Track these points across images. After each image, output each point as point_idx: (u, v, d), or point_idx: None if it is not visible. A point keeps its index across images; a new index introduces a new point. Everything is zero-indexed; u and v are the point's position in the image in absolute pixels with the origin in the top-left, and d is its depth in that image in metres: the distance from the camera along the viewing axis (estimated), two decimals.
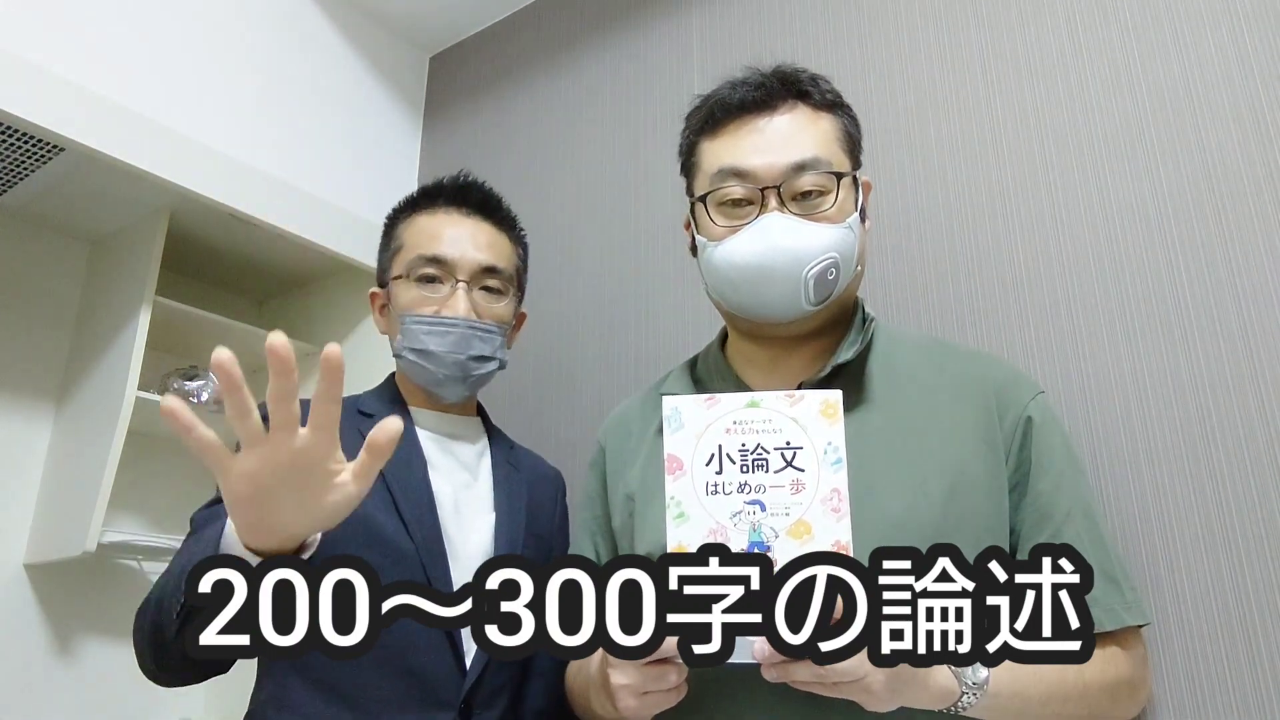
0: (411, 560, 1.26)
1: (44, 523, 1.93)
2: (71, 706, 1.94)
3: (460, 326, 1.37)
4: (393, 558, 1.25)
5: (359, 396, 1.44)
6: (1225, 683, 1.14)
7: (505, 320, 1.44)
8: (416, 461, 1.35)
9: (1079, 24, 1.47)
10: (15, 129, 1.67)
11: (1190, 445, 1.23)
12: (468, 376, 1.39)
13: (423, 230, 1.42)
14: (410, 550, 1.26)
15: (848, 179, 1.13)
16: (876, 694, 0.83)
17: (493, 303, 1.42)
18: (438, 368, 1.37)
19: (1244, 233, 1.26)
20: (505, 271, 1.44)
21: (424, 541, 1.27)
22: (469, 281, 1.39)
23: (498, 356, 1.42)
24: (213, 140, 1.95)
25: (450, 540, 1.30)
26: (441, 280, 1.39)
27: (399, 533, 1.27)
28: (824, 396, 0.92)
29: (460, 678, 1.24)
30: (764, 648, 0.83)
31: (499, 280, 1.43)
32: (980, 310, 1.45)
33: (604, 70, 2.13)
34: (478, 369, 1.40)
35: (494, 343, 1.41)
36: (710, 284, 1.18)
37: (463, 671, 1.24)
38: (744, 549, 0.88)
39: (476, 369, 1.39)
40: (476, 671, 1.24)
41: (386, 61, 2.45)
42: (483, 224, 1.45)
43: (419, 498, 1.31)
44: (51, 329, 2.07)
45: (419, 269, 1.39)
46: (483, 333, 1.39)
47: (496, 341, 1.42)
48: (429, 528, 1.29)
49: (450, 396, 1.41)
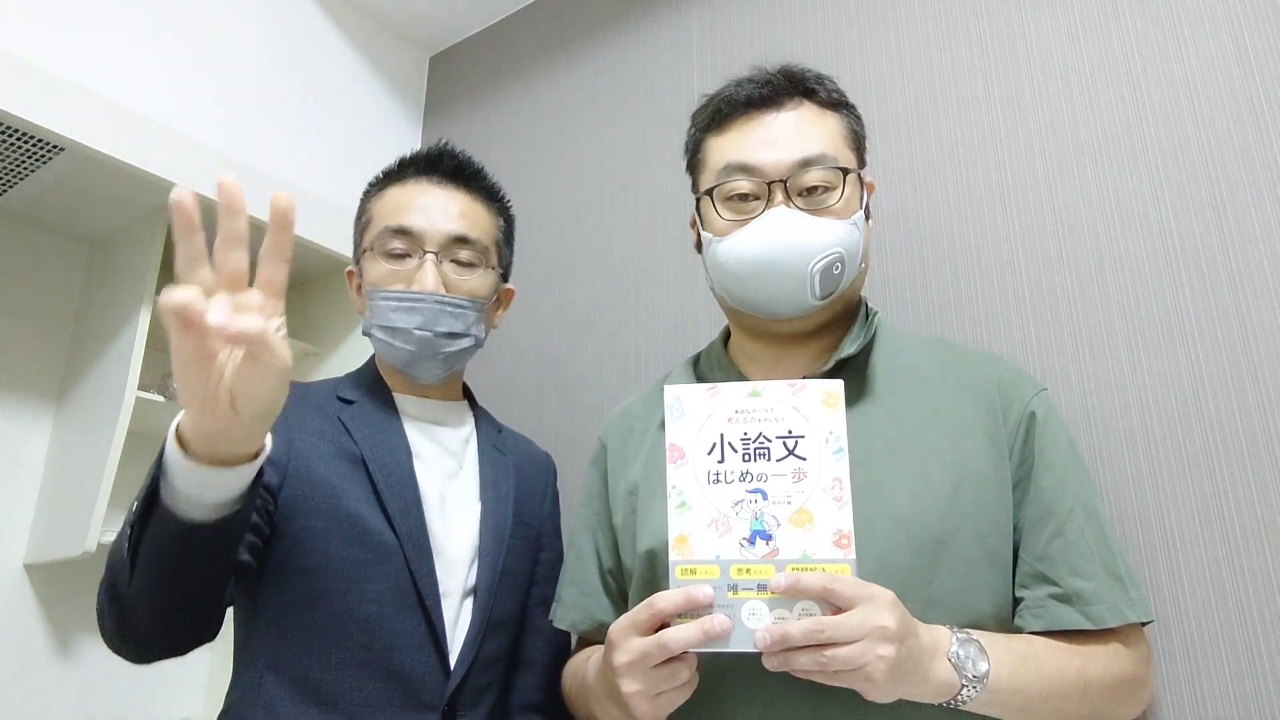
0: (395, 555, 1.22)
1: (44, 523, 1.92)
2: (71, 706, 1.94)
3: (428, 301, 1.30)
4: (377, 553, 1.21)
5: (338, 380, 1.40)
6: (1225, 682, 1.14)
7: (480, 295, 1.36)
8: (401, 451, 1.30)
9: (1079, 24, 1.48)
10: (15, 129, 1.67)
11: (1190, 445, 1.23)
12: (438, 354, 1.32)
13: (390, 202, 1.37)
14: (394, 544, 1.22)
15: (853, 176, 1.14)
16: (878, 683, 0.83)
17: (465, 275, 1.35)
18: (405, 344, 1.31)
19: (1244, 233, 1.26)
20: (479, 243, 1.36)
21: (408, 535, 1.23)
22: (438, 253, 1.33)
23: (472, 333, 1.35)
24: (212, 140, 1.95)
25: (434, 535, 1.26)
26: (409, 253, 1.33)
27: (382, 526, 1.22)
28: (825, 385, 0.93)
29: (444, 678, 1.21)
30: (765, 636, 0.84)
31: (472, 252, 1.35)
32: (980, 310, 1.45)
33: (604, 70, 2.14)
34: (448, 345, 1.33)
35: (466, 319, 1.34)
36: (715, 279, 1.18)
37: (446, 672, 1.21)
38: (745, 537, 0.89)
39: (447, 345, 1.33)
40: (461, 672, 1.21)
41: (386, 61, 2.45)
42: (456, 193, 1.38)
43: (404, 491, 1.26)
44: (51, 329, 2.06)
45: (385, 242, 1.33)
46: (452, 307, 1.32)
47: (470, 317, 1.34)
48: (414, 521, 1.24)
49: (424, 376, 1.36)
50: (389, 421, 1.33)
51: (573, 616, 1.23)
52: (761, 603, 0.86)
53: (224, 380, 0.80)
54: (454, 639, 1.24)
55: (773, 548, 0.88)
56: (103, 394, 1.90)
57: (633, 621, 0.90)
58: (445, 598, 1.24)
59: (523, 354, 2.04)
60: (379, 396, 1.36)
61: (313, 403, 1.32)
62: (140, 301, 1.88)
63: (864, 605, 0.84)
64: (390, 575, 1.21)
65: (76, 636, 1.98)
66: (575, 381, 1.94)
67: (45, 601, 1.95)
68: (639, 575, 1.12)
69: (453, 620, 1.25)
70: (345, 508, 1.23)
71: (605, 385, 1.88)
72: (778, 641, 0.83)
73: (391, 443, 1.30)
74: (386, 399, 1.36)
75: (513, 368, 2.05)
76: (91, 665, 1.98)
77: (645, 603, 0.89)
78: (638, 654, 0.88)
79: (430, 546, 1.25)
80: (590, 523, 1.28)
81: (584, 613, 1.23)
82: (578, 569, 1.26)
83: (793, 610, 0.86)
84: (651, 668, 0.89)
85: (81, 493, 1.82)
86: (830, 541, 0.87)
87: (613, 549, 1.22)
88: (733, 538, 0.89)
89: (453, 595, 1.25)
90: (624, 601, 1.19)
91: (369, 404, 1.34)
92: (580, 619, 1.23)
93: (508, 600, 1.31)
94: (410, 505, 1.25)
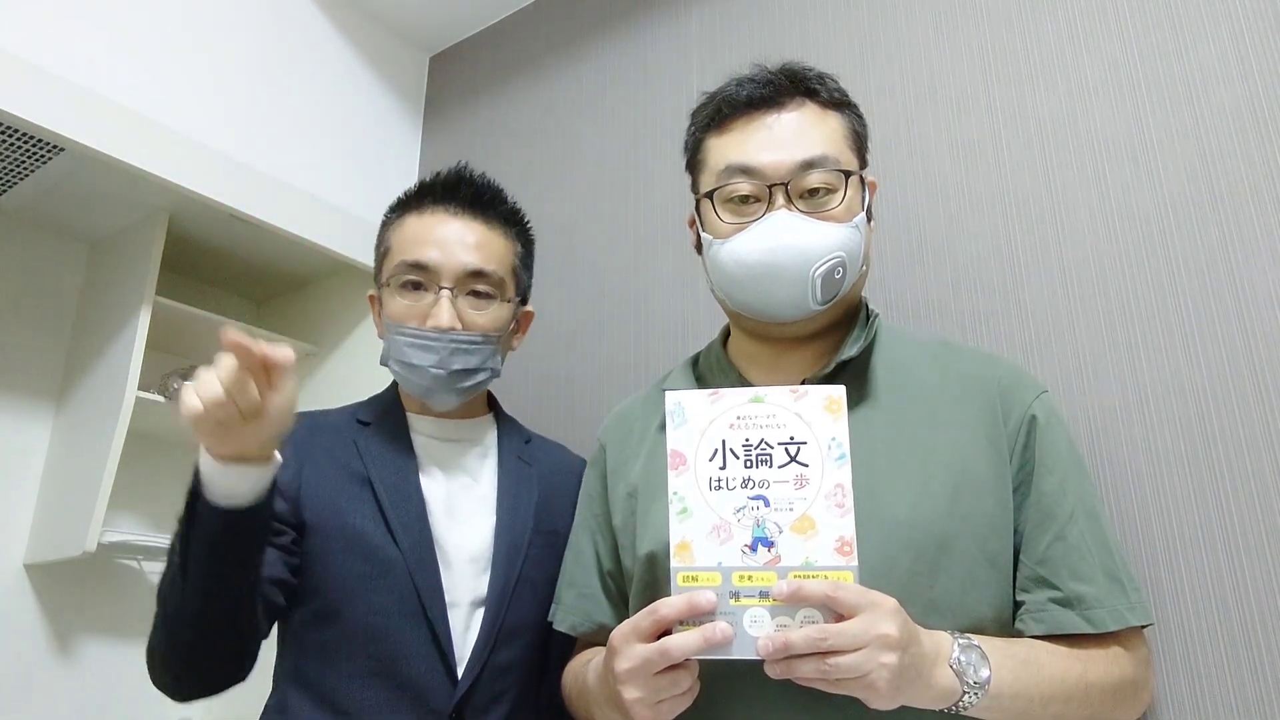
0: (399, 568, 1.24)
1: (44, 523, 1.93)
2: (71, 707, 1.94)
3: (442, 341, 1.30)
4: (379, 567, 1.24)
5: (360, 404, 1.42)
6: (1225, 683, 1.14)
7: (495, 329, 1.36)
8: (407, 467, 1.32)
9: (1079, 24, 1.47)
10: (15, 129, 1.67)
11: (1190, 445, 1.23)
12: (453, 389, 1.34)
13: (408, 233, 1.36)
14: (397, 557, 1.24)
15: (855, 178, 1.13)
16: (880, 691, 0.83)
17: (481, 309, 1.35)
18: (420, 380, 1.32)
19: (1244, 233, 1.26)
20: (495, 274, 1.36)
21: (411, 548, 1.25)
22: (454, 288, 1.32)
23: (487, 367, 1.36)
24: (212, 140, 1.95)
25: (442, 547, 1.28)
26: (425, 287, 1.33)
27: (385, 540, 1.25)
28: (828, 392, 0.92)
29: (451, 686, 1.22)
30: (768, 643, 0.84)
31: (488, 284, 1.35)
32: (980, 310, 1.45)
33: (604, 70, 2.14)
34: (464, 382, 1.34)
35: (481, 354, 1.35)
36: (715, 281, 1.17)
37: (453, 680, 1.23)
38: (747, 544, 0.89)
39: (463, 382, 1.34)
40: (468, 682, 1.23)
41: (386, 61, 2.45)
42: (472, 223, 1.37)
43: (408, 503, 1.28)
44: (51, 329, 2.07)
45: (402, 276, 1.33)
46: (467, 345, 1.32)
47: (485, 352, 1.35)
48: (417, 534, 1.26)
49: (441, 406, 1.37)
50: (399, 441, 1.36)
51: (572, 619, 1.23)
52: (763, 610, 0.86)
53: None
54: (463, 648, 1.25)
55: (775, 555, 0.88)
56: (103, 394, 1.90)
57: (634, 628, 0.90)
58: (453, 607, 1.26)
59: (523, 354, 2.03)
60: (394, 418, 1.38)
61: (329, 427, 1.37)
62: (140, 301, 1.88)
63: (867, 613, 0.84)
64: (394, 588, 1.24)
65: (76, 636, 1.98)
66: (575, 382, 1.94)
67: (45, 601, 1.95)
68: (639, 578, 1.12)
69: (461, 629, 1.26)
70: (350, 524, 1.26)
71: (605, 385, 1.88)
72: (780, 649, 0.83)
73: (399, 461, 1.33)
74: (401, 420, 1.38)
75: (512, 368, 2.04)
76: (91, 665, 1.99)
77: (647, 609, 0.89)
78: (639, 660, 0.88)
79: (435, 558, 1.27)
80: (589, 524, 1.27)
81: (584, 615, 1.22)
82: (577, 571, 1.26)
83: (795, 617, 0.85)
84: (653, 675, 0.88)
85: (81, 493, 1.82)
86: (832, 548, 0.87)
87: (612, 551, 1.22)
88: (734, 544, 0.89)
89: (461, 605, 1.27)
90: (624, 603, 1.19)
91: (383, 426, 1.37)
92: (580, 621, 1.23)
93: (526, 608, 1.31)
94: (414, 519, 1.28)
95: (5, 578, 1.91)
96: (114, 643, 2.03)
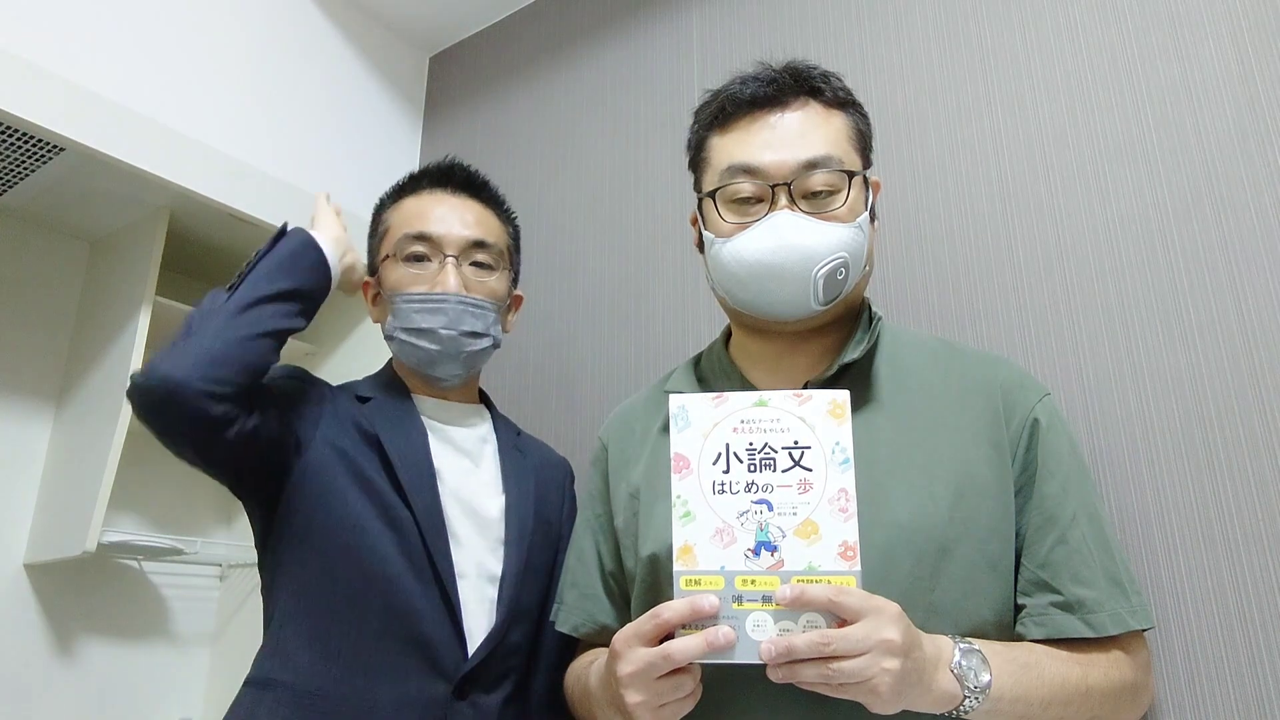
0: (409, 528, 1.25)
1: (44, 523, 1.92)
2: (71, 707, 1.94)
3: (451, 301, 1.35)
4: (391, 523, 1.25)
5: (355, 382, 1.43)
6: (1225, 683, 1.14)
7: (498, 296, 1.42)
8: (417, 435, 1.34)
9: (1079, 24, 1.47)
10: (15, 129, 1.67)
11: (1190, 446, 1.23)
12: (461, 353, 1.37)
13: (408, 211, 1.42)
14: (408, 519, 1.26)
15: (858, 178, 1.12)
16: (882, 696, 0.83)
17: (484, 277, 1.41)
18: (431, 344, 1.35)
19: (1244, 233, 1.26)
20: (495, 246, 1.42)
21: (423, 512, 1.26)
22: (458, 256, 1.38)
23: (491, 333, 1.40)
24: (213, 140, 1.95)
25: (451, 521, 1.29)
26: (429, 257, 1.38)
27: (396, 501, 1.26)
28: (832, 396, 0.92)
29: (459, 648, 1.23)
30: (771, 648, 0.84)
31: (489, 255, 1.41)
32: (980, 310, 1.45)
33: (604, 70, 2.13)
34: (471, 345, 1.37)
35: (487, 318, 1.39)
36: (717, 280, 1.17)
37: (461, 642, 1.24)
38: (750, 548, 0.89)
39: (470, 345, 1.37)
40: (480, 657, 1.24)
41: (386, 61, 2.44)
42: (469, 201, 1.44)
43: (418, 469, 1.30)
44: (51, 329, 2.06)
45: (406, 247, 1.38)
46: (474, 308, 1.37)
47: (490, 317, 1.40)
48: (428, 499, 1.28)
49: (445, 375, 1.39)
50: (406, 413, 1.37)
51: (574, 619, 1.23)
52: (766, 614, 0.86)
53: None
54: (471, 619, 1.26)
55: (778, 559, 0.88)
56: (103, 394, 1.90)
57: (637, 631, 0.90)
58: (461, 578, 1.27)
59: (523, 353, 2.04)
60: (396, 393, 1.40)
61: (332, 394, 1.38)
62: (140, 301, 1.88)
63: (870, 618, 0.84)
64: (407, 549, 1.25)
65: (76, 636, 1.98)
66: (575, 381, 1.94)
67: (45, 601, 1.95)
68: (641, 579, 1.12)
69: (475, 601, 1.27)
70: (362, 471, 1.28)
71: (605, 385, 1.88)
72: (783, 654, 0.83)
73: (407, 429, 1.34)
74: (404, 395, 1.40)
75: (513, 367, 2.04)
76: (91, 665, 1.99)
77: (650, 613, 0.89)
78: (642, 664, 0.88)
79: (445, 525, 1.28)
80: (591, 524, 1.27)
81: (586, 615, 1.22)
82: (579, 571, 1.26)
83: (798, 622, 0.85)
84: (656, 679, 0.88)
85: (81, 493, 1.82)
86: (835, 553, 0.87)
87: (614, 551, 1.22)
88: (737, 549, 0.89)
89: (468, 577, 1.28)
90: (626, 604, 1.19)
91: (386, 400, 1.38)
92: (582, 622, 1.22)
93: (532, 592, 1.34)
94: (425, 484, 1.29)
95: (5, 578, 1.90)
96: (114, 643, 2.03)
